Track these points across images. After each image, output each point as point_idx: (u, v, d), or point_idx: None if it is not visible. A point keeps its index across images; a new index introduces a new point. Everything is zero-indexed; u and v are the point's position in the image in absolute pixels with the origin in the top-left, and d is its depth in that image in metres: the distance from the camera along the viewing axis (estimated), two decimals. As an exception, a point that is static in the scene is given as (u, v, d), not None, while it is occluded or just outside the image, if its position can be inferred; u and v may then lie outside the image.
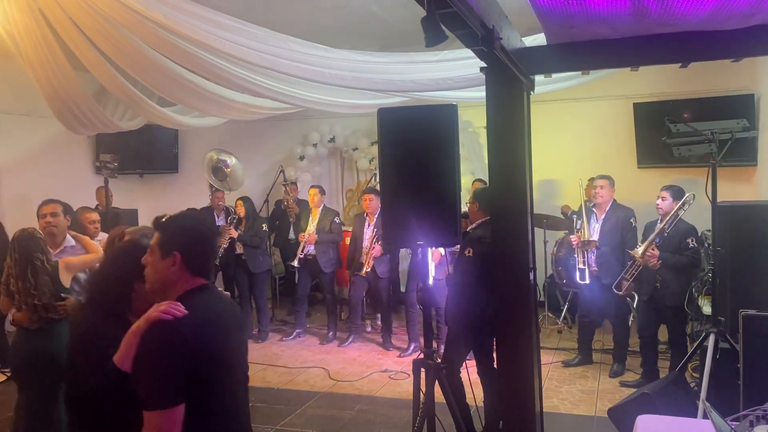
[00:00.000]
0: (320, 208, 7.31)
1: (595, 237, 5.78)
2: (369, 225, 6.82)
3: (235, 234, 7.19)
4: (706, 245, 5.67)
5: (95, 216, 5.23)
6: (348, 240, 7.24)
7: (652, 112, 7.28)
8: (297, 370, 6.18)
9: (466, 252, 4.17)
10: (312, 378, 5.97)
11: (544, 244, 7.15)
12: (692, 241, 5.10)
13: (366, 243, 6.78)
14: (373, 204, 6.72)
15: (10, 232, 4.16)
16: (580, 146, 7.82)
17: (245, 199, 7.44)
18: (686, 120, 4.38)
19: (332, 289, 7.39)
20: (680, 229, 5.14)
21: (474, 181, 7.57)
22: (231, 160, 8.25)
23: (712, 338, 4.19)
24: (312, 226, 7.20)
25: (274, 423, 4.88)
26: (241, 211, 7.31)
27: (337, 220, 7.32)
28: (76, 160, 8.78)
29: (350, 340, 7.06)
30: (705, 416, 3.61)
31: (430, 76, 4.83)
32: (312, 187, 7.46)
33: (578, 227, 5.97)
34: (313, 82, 5.17)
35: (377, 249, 6.65)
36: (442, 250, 5.69)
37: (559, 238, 7.32)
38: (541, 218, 7.03)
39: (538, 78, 3.56)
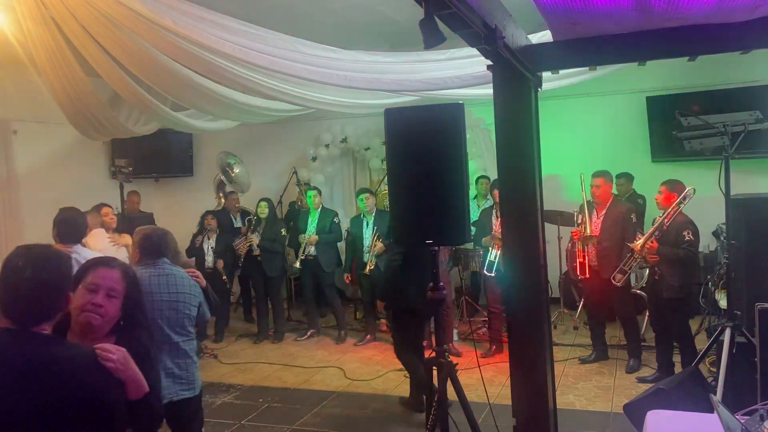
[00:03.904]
0: (319, 210, 7.37)
1: (596, 232, 5.77)
2: (368, 224, 6.90)
3: (256, 241, 7.24)
4: (722, 239, 5.63)
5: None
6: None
7: (665, 106, 7.23)
8: (313, 370, 6.22)
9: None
10: (328, 378, 6.00)
11: (558, 240, 7.12)
12: (688, 234, 5.07)
13: (368, 242, 6.86)
14: (369, 203, 6.86)
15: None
16: (594, 142, 7.78)
17: (268, 201, 7.52)
18: (696, 113, 4.32)
19: (334, 288, 7.44)
20: (677, 222, 5.13)
21: (478, 178, 7.59)
22: (237, 169, 8.41)
23: (728, 332, 4.15)
24: (312, 228, 7.27)
25: (290, 423, 4.92)
26: (265, 212, 7.37)
27: (336, 220, 7.40)
28: (92, 165, 8.90)
29: (366, 339, 7.09)
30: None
31: (439, 74, 4.83)
32: (310, 188, 7.53)
33: (579, 222, 5.96)
34: (323, 84, 5.20)
35: (379, 246, 6.74)
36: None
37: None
38: (555, 214, 7.00)
39: (546, 74, 3.55)
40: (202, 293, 3.53)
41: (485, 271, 6.34)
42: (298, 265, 7.25)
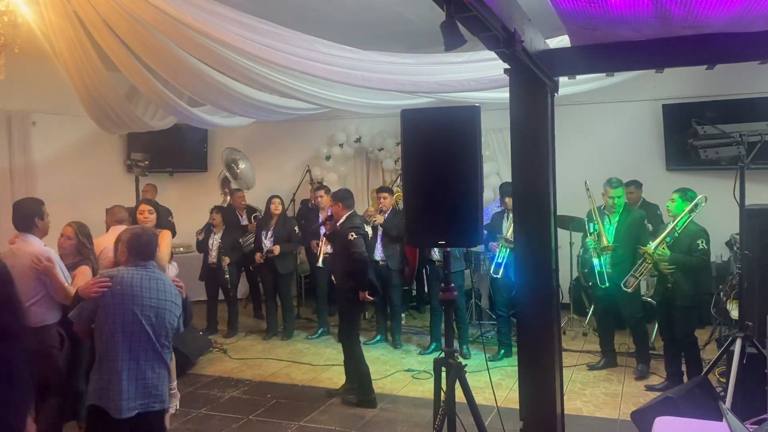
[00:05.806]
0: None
1: (610, 239, 5.75)
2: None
3: (277, 251, 7.21)
4: (735, 249, 5.59)
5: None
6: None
7: (681, 114, 7.18)
8: (321, 368, 6.24)
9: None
10: (336, 375, 6.01)
11: (570, 246, 7.10)
12: (702, 242, 5.08)
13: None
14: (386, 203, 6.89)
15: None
16: (609, 148, 7.74)
17: (280, 199, 7.57)
18: (714, 121, 4.31)
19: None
20: (690, 230, 5.13)
21: (502, 184, 7.56)
22: (243, 164, 8.43)
23: (738, 343, 4.13)
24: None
25: (297, 419, 4.94)
26: (279, 209, 7.39)
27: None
28: (108, 158, 8.98)
29: (376, 339, 7.11)
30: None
31: (456, 77, 4.85)
32: (319, 189, 7.54)
33: (591, 231, 5.93)
34: (339, 83, 5.22)
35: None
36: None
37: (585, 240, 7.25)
38: (568, 220, 6.98)
39: (563, 80, 3.55)
40: (182, 305, 3.36)
41: (492, 273, 6.36)
42: (320, 263, 7.27)
